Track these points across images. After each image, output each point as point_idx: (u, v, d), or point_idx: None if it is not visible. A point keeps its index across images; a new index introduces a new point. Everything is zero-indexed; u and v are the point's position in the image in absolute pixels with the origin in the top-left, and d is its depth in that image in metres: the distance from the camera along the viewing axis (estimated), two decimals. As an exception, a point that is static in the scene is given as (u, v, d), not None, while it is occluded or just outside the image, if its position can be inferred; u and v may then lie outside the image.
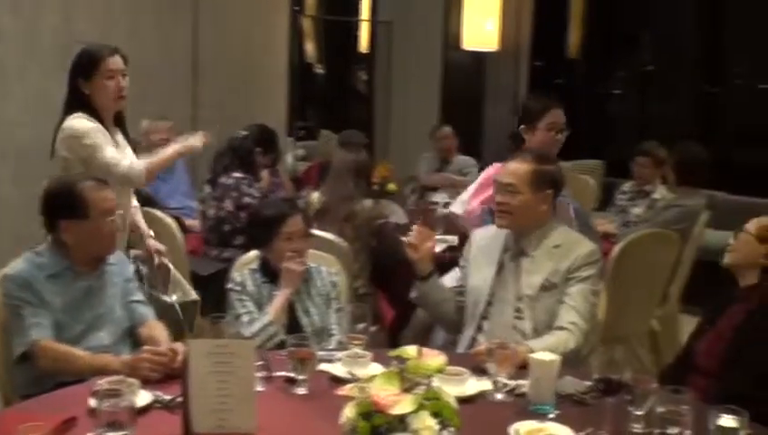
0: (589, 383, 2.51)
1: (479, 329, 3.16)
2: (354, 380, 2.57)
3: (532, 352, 2.69)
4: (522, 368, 2.59)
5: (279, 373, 2.62)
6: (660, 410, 2.07)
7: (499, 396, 2.53)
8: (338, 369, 2.67)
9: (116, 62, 3.62)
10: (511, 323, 3.08)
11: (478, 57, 8.76)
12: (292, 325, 3.18)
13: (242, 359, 2.23)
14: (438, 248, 4.75)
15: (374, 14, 9.50)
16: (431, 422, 1.85)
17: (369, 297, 4.48)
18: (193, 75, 6.50)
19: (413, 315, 4.42)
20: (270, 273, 3.28)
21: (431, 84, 8.68)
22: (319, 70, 10.60)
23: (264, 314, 3.17)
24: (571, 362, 2.87)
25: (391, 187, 6.06)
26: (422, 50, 8.67)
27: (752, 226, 3.01)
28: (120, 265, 3.09)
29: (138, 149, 4.97)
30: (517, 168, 3.15)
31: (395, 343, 4.24)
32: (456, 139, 7.06)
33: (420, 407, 1.86)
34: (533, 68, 9.03)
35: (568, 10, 9.52)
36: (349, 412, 1.91)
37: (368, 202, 4.55)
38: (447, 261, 4.32)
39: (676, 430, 2.04)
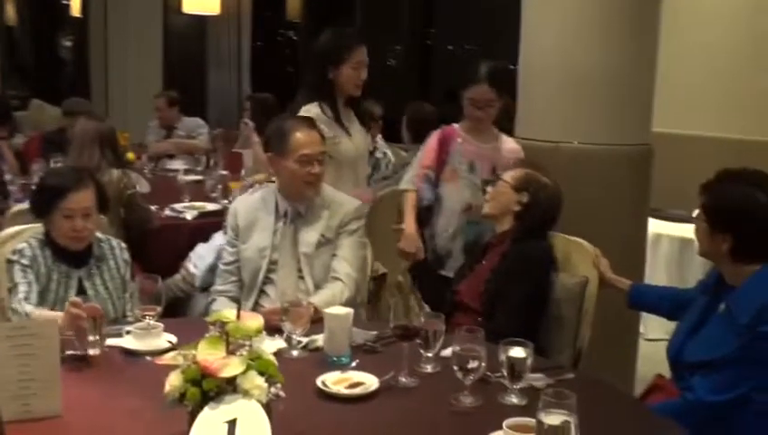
0: (375, 332, 2.67)
1: (261, 295, 3.21)
2: (147, 352, 2.55)
3: (316, 307, 2.81)
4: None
5: (68, 352, 2.53)
6: (457, 348, 2.24)
7: (295, 353, 2.63)
8: (129, 342, 2.63)
9: (364, 52, 3.81)
10: (295, 285, 3.16)
11: (200, 21, 8.68)
12: None
13: (44, 340, 2.15)
14: (189, 216, 4.76)
15: (84, -24, 9.11)
16: (260, 381, 1.90)
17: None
18: None
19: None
20: (55, 248, 3.01)
21: (152, 49, 8.49)
22: (23, 34, 9.96)
23: (31, 304, 2.86)
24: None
25: (130, 156, 5.88)
26: (141, 14, 8.43)
27: (508, 175, 3.27)
28: None
29: None
30: (318, 137, 3.24)
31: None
32: (169, 108, 6.90)
33: (248, 367, 1.90)
34: (255, 31, 9.08)
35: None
36: (175, 380, 1.91)
37: (116, 172, 4.42)
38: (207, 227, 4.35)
39: (475, 363, 2.22)
